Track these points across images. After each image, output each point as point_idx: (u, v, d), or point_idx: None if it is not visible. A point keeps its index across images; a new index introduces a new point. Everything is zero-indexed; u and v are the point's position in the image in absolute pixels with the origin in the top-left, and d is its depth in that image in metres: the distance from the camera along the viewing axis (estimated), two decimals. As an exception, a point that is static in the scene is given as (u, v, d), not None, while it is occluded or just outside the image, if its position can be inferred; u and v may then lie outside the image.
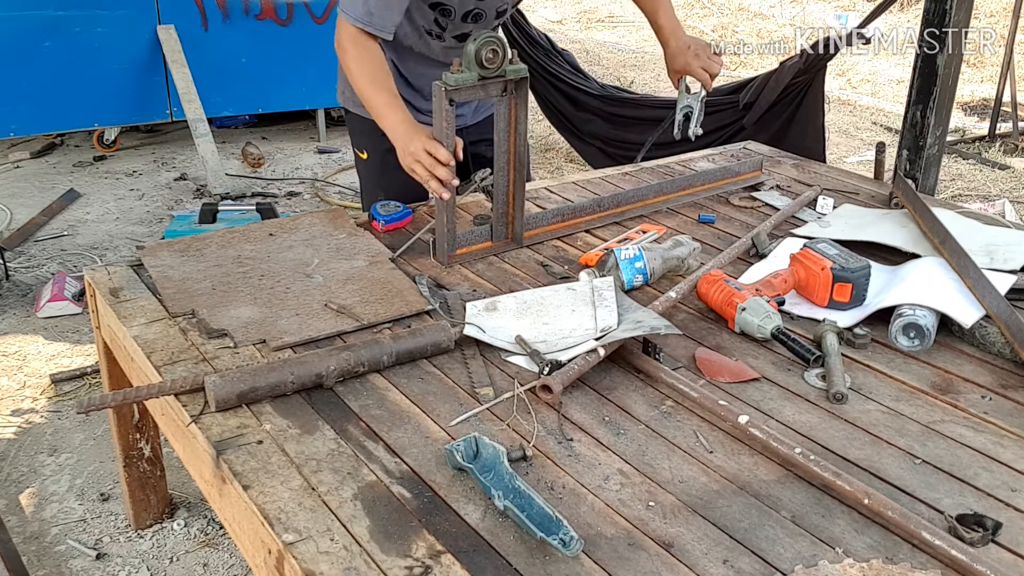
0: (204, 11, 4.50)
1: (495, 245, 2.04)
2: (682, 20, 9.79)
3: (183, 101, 4.23)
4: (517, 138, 1.92)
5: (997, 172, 5.12)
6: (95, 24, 4.22)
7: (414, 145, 1.85)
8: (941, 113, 2.64)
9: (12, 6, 4.01)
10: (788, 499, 1.26)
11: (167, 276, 1.82)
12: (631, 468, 1.31)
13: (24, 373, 2.82)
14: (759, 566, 1.13)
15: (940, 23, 2.53)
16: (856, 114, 6.44)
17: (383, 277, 1.85)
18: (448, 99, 1.80)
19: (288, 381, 1.43)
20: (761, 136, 3.51)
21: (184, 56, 4.31)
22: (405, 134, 1.90)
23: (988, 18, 8.29)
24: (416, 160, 1.84)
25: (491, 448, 1.27)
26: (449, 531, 1.16)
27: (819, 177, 2.69)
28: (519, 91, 1.89)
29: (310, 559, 1.10)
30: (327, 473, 1.26)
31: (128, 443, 2.05)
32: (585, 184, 2.56)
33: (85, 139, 5.07)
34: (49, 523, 2.17)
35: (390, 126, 1.93)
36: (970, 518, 1.21)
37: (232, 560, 2.06)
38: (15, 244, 3.74)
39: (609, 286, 1.70)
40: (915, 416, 1.48)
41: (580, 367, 1.50)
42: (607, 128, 4.43)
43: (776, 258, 2.02)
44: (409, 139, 1.87)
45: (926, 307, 1.70)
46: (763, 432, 1.36)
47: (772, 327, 1.66)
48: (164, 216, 4.16)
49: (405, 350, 1.54)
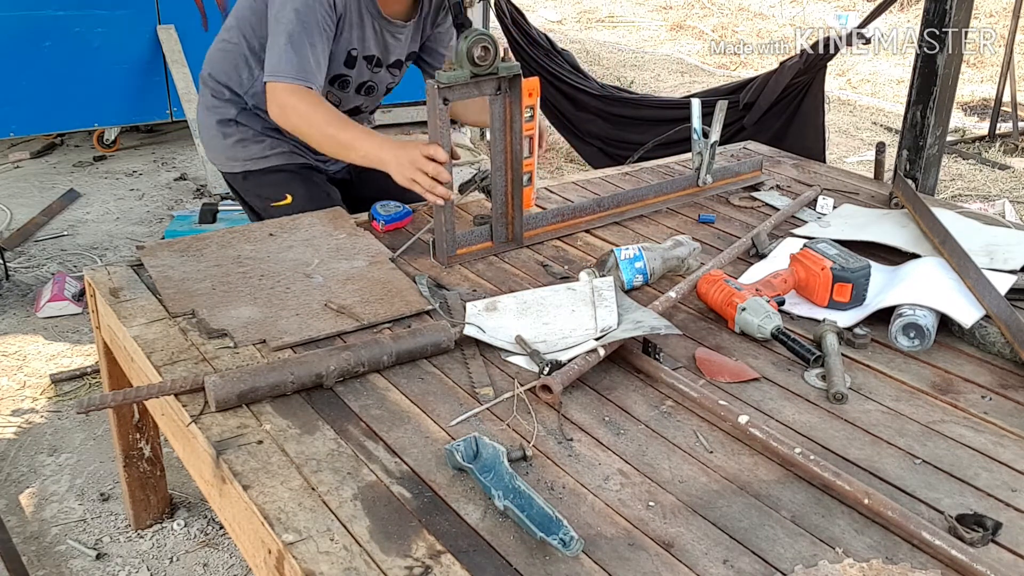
0: (204, 11, 4.50)
1: (495, 245, 2.04)
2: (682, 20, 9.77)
3: (183, 101, 4.23)
4: (513, 137, 1.92)
5: (997, 172, 5.12)
6: (95, 24, 4.21)
7: (410, 155, 1.86)
8: (941, 113, 2.64)
9: (12, 6, 4.01)
10: (788, 499, 1.26)
11: (167, 276, 1.82)
12: (631, 468, 1.31)
13: (24, 373, 2.82)
14: (759, 566, 1.13)
15: (940, 23, 2.53)
16: (856, 114, 6.44)
17: (383, 277, 1.85)
18: (442, 98, 1.80)
19: (288, 381, 1.43)
20: (761, 136, 3.51)
21: (184, 56, 4.30)
22: (394, 149, 1.91)
23: (988, 18, 8.29)
24: (418, 169, 1.84)
25: (491, 448, 1.27)
26: (449, 531, 1.16)
27: (819, 177, 2.69)
28: (513, 89, 1.89)
29: (310, 559, 1.10)
30: (327, 473, 1.26)
31: (128, 443, 2.05)
32: (585, 184, 2.56)
33: (85, 139, 5.06)
34: (49, 523, 2.16)
35: (373, 149, 1.95)
36: (970, 518, 1.21)
37: (232, 560, 2.06)
38: (15, 244, 3.74)
39: (609, 286, 1.70)
40: (915, 416, 1.48)
41: (580, 367, 1.50)
42: (607, 128, 4.43)
43: (776, 258, 2.02)
44: (402, 152, 1.88)
45: (926, 307, 1.70)
46: (763, 432, 1.36)
47: (772, 327, 1.66)
48: (164, 216, 4.16)
49: (405, 350, 1.54)
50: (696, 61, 8.11)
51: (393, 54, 2.24)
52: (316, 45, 2.00)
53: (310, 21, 1.98)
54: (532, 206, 2.22)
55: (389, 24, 2.17)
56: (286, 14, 1.98)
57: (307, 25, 1.98)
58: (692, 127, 2.33)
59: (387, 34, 2.18)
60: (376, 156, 1.94)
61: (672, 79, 7.34)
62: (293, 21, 1.97)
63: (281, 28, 1.99)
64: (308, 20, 1.98)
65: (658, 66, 7.80)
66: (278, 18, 2.00)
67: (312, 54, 1.99)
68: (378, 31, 2.16)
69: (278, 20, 2.00)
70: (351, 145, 1.98)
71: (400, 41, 2.23)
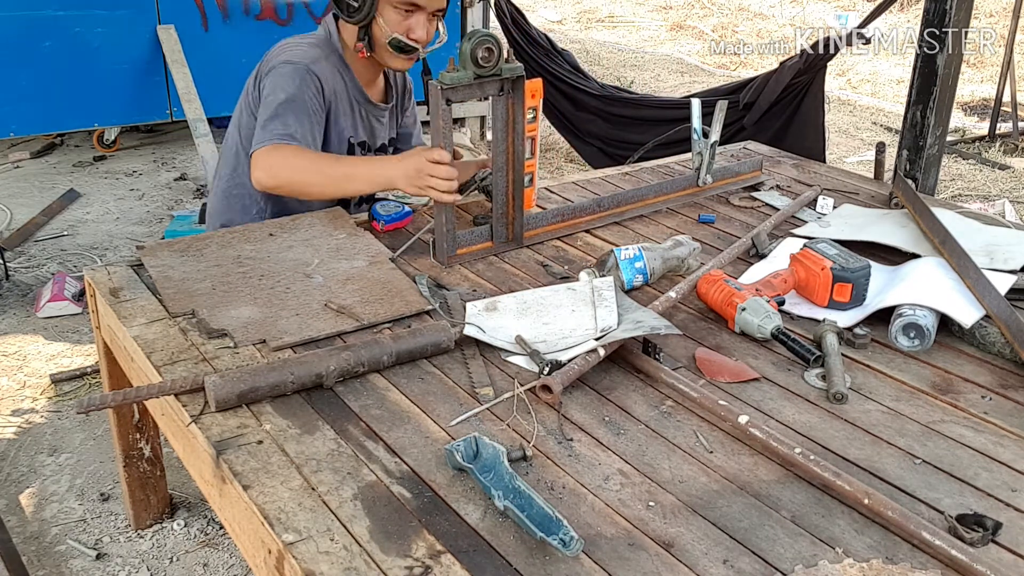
0: (204, 11, 4.49)
1: (495, 245, 2.04)
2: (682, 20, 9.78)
3: (183, 101, 4.22)
4: (515, 137, 1.92)
5: (997, 172, 5.13)
6: (95, 24, 4.21)
7: (416, 165, 1.86)
8: (941, 113, 2.64)
9: (12, 6, 4.01)
10: (788, 499, 1.26)
11: (167, 276, 1.82)
12: (631, 468, 1.31)
13: (24, 373, 2.82)
14: (759, 566, 1.13)
15: (940, 23, 2.53)
16: (856, 114, 6.45)
17: (383, 277, 1.85)
18: (445, 99, 1.80)
19: (288, 381, 1.43)
20: (761, 136, 3.51)
21: (184, 56, 4.30)
22: (397, 163, 1.92)
23: (988, 18, 8.30)
24: (428, 175, 1.84)
25: (491, 448, 1.27)
26: (449, 531, 1.16)
27: (819, 177, 2.69)
28: (516, 90, 1.89)
29: (310, 559, 1.10)
30: (327, 473, 1.26)
31: (128, 443, 2.05)
32: (585, 184, 2.56)
33: (85, 139, 5.07)
34: (49, 523, 2.16)
35: (376, 170, 1.94)
36: (970, 518, 1.21)
37: (232, 560, 2.06)
38: (15, 244, 3.74)
39: (609, 286, 1.70)
40: (915, 416, 1.48)
41: (580, 367, 1.50)
42: (607, 128, 4.43)
43: (776, 258, 2.03)
44: (407, 163, 1.88)
45: (926, 307, 1.70)
46: (763, 432, 1.36)
47: (772, 327, 1.66)
48: (164, 216, 4.16)
49: (405, 350, 1.54)
50: (696, 61, 8.11)
51: (379, 139, 2.25)
52: (304, 123, 1.96)
53: (298, 103, 1.96)
54: (533, 207, 2.22)
55: (374, 108, 2.19)
56: (275, 97, 1.96)
57: (295, 106, 1.96)
58: (692, 127, 2.33)
59: (372, 119, 2.20)
60: (381, 176, 1.93)
61: (672, 79, 7.34)
62: (281, 102, 1.95)
63: (267, 102, 1.97)
64: (296, 102, 1.96)
65: (658, 66, 7.81)
66: (267, 103, 1.98)
67: (297, 119, 1.95)
68: (365, 117, 2.17)
69: (267, 104, 1.98)
70: (352, 175, 1.96)
71: (383, 125, 2.24)
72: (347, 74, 2.09)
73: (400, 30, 1.98)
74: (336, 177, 1.95)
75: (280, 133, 1.93)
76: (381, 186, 1.95)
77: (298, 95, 1.96)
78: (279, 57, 2.02)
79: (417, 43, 2.00)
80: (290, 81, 1.96)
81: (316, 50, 2.04)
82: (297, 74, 1.97)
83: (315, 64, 2.00)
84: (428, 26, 2.01)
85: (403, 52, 2.02)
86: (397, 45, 2.00)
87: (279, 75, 1.98)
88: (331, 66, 2.05)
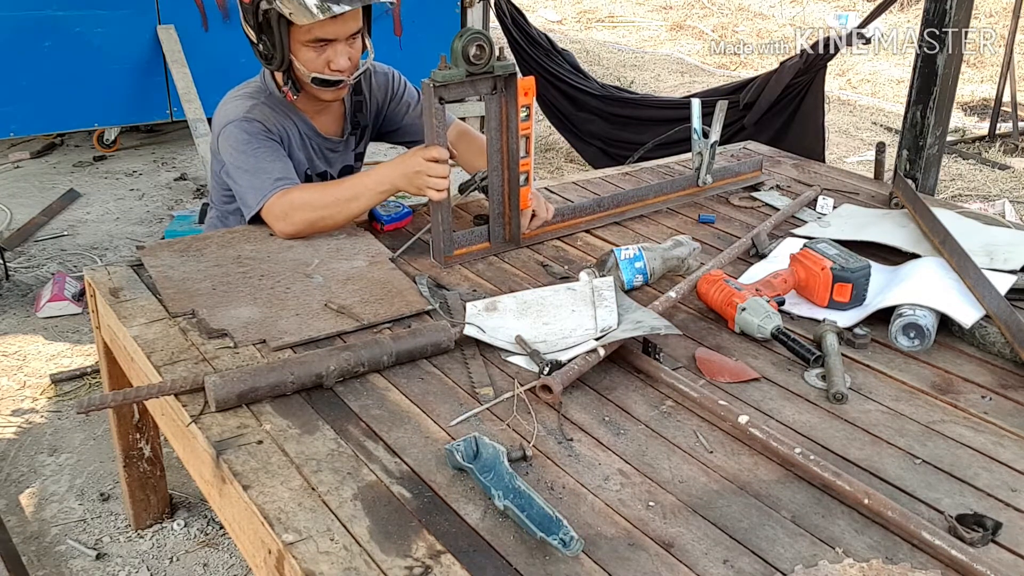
0: (204, 11, 4.49)
1: (493, 245, 2.04)
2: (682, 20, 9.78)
3: (183, 101, 4.22)
4: (509, 136, 1.92)
5: (997, 172, 5.13)
6: (95, 24, 4.21)
7: (414, 165, 1.87)
8: (941, 113, 2.64)
9: (12, 6, 4.01)
10: (788, 499, 1.26)
11: (167, 276, 1.82)
12: (631, 468, 1.31)
13: (24, 373, 2.82)
14: (759, 566, 1.13)
15: (940, 23, 2.53)
16: (856, 114, 6.44)
17: (383, 277, 1.85)
18: (438, 97, 1.80)
19: (288, 381, 1.43)
20: (761, 136, 3.51)
21: (184, 56, 4.30)
22: (396, 166, 1.92)
23: (988, 18, 8.30)
24: (427, 175, 1.85)
25: (491, 448, 1.27)
26: (449, 531, 1.16)
27: (819, 177, 2.69)
28: (509, 88, 1.89)
29: (310, 559, 1.10)
30: (327, 473, 1.26)
31: (128, 443, 2.05)
32: (585, 184, 2.56)
33: (85, 139, 5.07)
34: (49, 523, 2.16)
35: (378, 179, 1.95)
36: (970, 518, 1.21)
37: (232, 560, 2.06)
38: (15, 244, 3.74)
39: (609, 286, 1.69)
40: (915, 416, 1.48)
41: (580, 367, 1.50)
42: (607, 128, 4.43)
43: (776, 258, 2.02)
44: (406, 164, 1.89)
45: (926, 307, 1.70)
46: (763, 432, 1.36)
47: (772, 327, 1.66)
48: (164, 216, 4.16)
49: (405, 350, 1.54)
50: (696, 61, 8.11)
51: (336, 165, 2.23)
52: (268, 158, 1.98)
53: (261, 149, 1.98)
54: (530, 206, 2.22)
55: (326, 141, 2.18)
56: (230, 158, 1.99)
57: (260, 153, 1.97)
58: (692, 127, 2.33)
59: (326, 151, 2.19)
60: (386, 182, 1.94)
61: (672, 79, 7.34)
62: (238, 156, 1.97)
63: (234, 170, 1.99)
64: (259, 149, 1.97)
65: (658, 66, 7.81)
66: (227, 170, 2.01)
67: (270, 163, 1.97)
68: (317, 149, 2.16)
69: (228, 170, 2.01)
70: (359, 191, 1.96)
71: (339, 154, 2.23)
72: (292, 112, 2.09)
73: (318, 67, 1.96)
74: (346, 199, 1.97)
75: (270, 184, 1.95)
76: (388, 193, 1.96)
77: (254, 143, 1.98)
78: (219, 122, 2.04)
79: (340, 73, 1.98)
80: (239, 137, 1.98)
81: (249, 100, 2.03)
82: (240, 128, 1.98)
83: (250, 112, 2.00)
84: (350, 51, 1.98)
85: (329, 86, 2.00)
86: (320, 82, 1.98)
87: (227, 138, 2.00)
88: (270, 109, 2.04)
